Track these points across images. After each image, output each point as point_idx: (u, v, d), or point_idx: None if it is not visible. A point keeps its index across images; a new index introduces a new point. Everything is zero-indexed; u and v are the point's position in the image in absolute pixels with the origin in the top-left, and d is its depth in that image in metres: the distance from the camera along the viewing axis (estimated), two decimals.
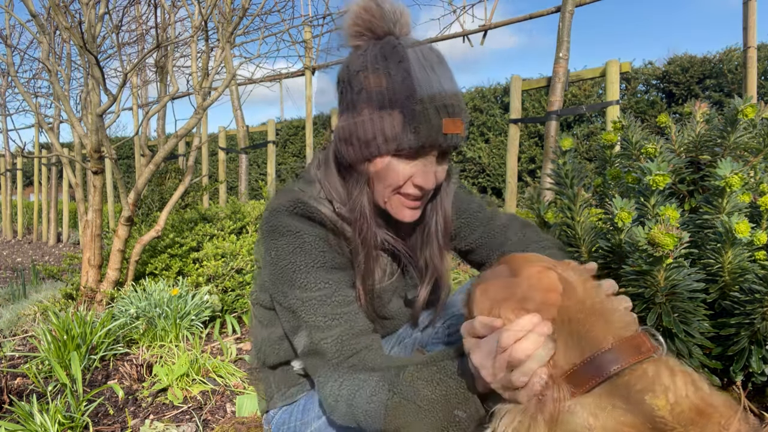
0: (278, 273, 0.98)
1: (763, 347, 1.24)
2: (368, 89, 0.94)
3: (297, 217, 0.98)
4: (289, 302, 0.97)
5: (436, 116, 0.91)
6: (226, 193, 6.71)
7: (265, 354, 1.15)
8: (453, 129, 0.92)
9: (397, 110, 0.91)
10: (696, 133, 1.54)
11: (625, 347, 0.66)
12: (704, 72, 6.58)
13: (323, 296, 0.96)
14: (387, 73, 0.92)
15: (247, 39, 7.34)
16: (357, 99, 0.95)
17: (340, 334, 0.93)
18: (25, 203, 10.00)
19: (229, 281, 2.94)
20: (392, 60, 0.93)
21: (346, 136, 0.97)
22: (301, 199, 1.00)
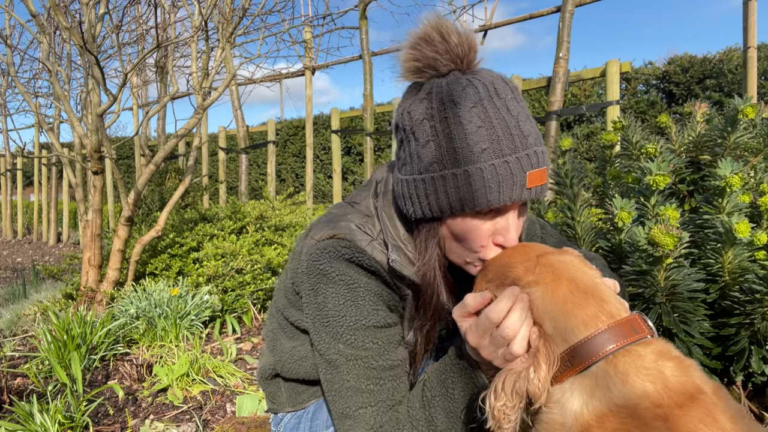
0: (323, 321, 0.91)
1: (763, 347, 1.24)
2: (437, 141, 0.82)
3: (352, 266, 0.90)
4: (331, 355, 0.90)
5: (519, 170, 0.79)
6: (226, 193, 6.72)
7: (283, 368, 1.11)
8: (538, 181, 0.81)
9: (473, 166, 0.79)
10: (696, 133, 1.54)
11: (621, 328, 0.68)
12: (704, 72, 6.58)
13: (368, 357, 0.89)
14: (458, 122, 0.80)
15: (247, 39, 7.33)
16: (423, 152, 0.83)
17: (382, 402, 0.88)
18: (25, 203, 10.01)
19: (229, 281, 2.94)
20: (464, 105, 0.80)
21: (411, 192, 0.86)
22: (359, 247, 0.90)
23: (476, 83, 0.82)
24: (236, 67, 3.53)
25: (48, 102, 6.00)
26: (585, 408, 0.65)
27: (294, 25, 5.78)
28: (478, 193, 0.80)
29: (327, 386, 0.92)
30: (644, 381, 0.63)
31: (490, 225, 0.84)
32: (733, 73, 6.25)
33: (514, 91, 0.85)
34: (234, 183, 9.03)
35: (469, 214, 0.84)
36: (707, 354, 1.30)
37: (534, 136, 0.82)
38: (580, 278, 0.73)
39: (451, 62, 0.84)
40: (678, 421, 0.59)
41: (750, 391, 1.35)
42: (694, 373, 0.65)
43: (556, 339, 0.70)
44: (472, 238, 0.85)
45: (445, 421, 0.84)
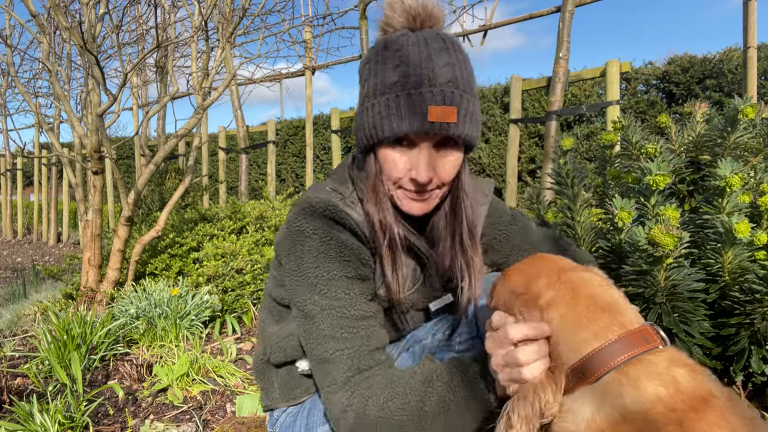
0: (300, 276, 0.96)
1: (763, 347, 1.24)
2: (368, 79, 0.94)
3: (326, 221, 0.96)
4: (308, 307, 0.95)
5: (420, 102, 0.88)
6: (226, 193, 6.71)
7: (272, 350, 1.14)
8: (441, 117, 0.88)
9: (386, 97, 0.90)
10: (696, 133, 1.54)
11: (632, 339, 0.68)
12: (704, 72, 6.58)
13: (343, 306, 0.94)
14: (384, 62, 0.92)
15: (247, 39, 7.33)
16: (362, 90, 0.96)
17: (355, 347, 0.92)
18: (25, 203, 10.00)
19: (229, 281, 2.94)
20: (391, 49, 0.92)
21: (354, 126, 0.98)
22: (332, 201, 0.98)
23: (411, 35, 0.93)
24: (236, 67, 3.53)
25: (48, 102, 6.00)
26: (597, 415, 0.65)
27: (294, 25, 5.78)
28: (384, 121, 0.90)
29: (305, 337, 0.97)
30: (657, 386, 0.63)
31: (406, 158, 0.93)
32: (733, 73, 6.25)
33: (448, 45, 0.93)
34: (234, 183, 9.03)
35: (388, 146, 0.93)
36: (707, 354, 1.30)
37: (447, 79, 0.89)
38: (599, 295, 0.75)
39: (404, 19, 0.94)
40: (693, 425, 0.59)
41: (750, 391, 1.35)
42: (706, 378, 0.65)
43: (570, 353, 0.71)
44: (391, 168, 0.94)
45: (436, 407, 0.86)
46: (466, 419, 0.85)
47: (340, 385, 0.90)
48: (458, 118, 0.90)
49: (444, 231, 1.05)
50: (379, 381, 0.89)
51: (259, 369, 1.20)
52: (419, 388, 0.87)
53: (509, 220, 1.23)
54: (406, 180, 0.95)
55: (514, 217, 1.25)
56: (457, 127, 0.90)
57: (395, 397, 0.86)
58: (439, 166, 0.94)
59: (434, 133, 0.90)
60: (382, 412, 0.86)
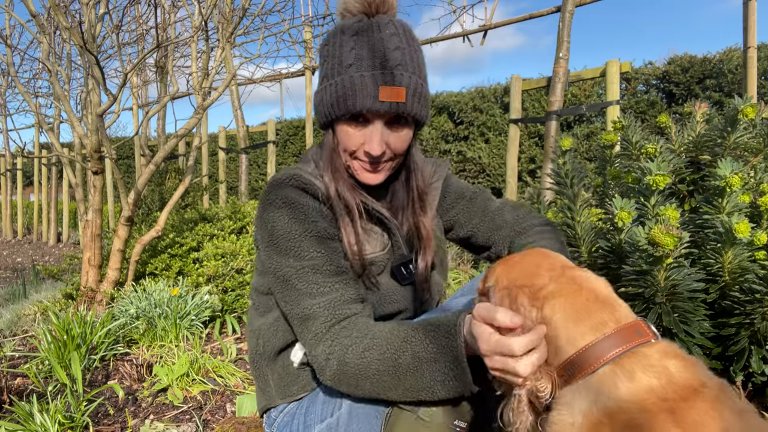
0: (274, 243, 1.02)
1: (763, 347, 1.24)
2: (326, 60, 1.03)
3: (293, 189, 1.04)
4: (283, 271, 1.01)
5: (372, 83, 0.96)
6: (226, 193, 6.71)
7: (264, 339, 1.17)
8: (390, 96, 0.97)
9: (342, 77, 0.99)
10: (696, 133, 1.54)
11: (626, 332, 0.71)
12: (704, 72, 6.58)
13: (316, 265, 1.00)
14: (341, 45, 1.00)
15: (247, 39, 7.34)
16: (321, 71, 1.05)
17: (332, 300, 0.98)
18: (25, 203, 10.00)
19: (229, 281, 2.94)
20: (347, 33, 1.00)
21: (314, 104, 1.07)
22: (297, 173, 1.07)
23: (366, 21, 1.01)
24: (236, 67, 3.53)
25: (48, 102, 6.00)
26: (594, 406, 0.67)
27: (294, 25, 5.78)
28: (341, 99, 0.99)
29: (284, 302, 1.03)
30: (650, 377, 0.65)
31: (360, 134, 1.02)
32: (733, 73, 6.25)
33: (402, 32, 1.02)
34: (234, 183, 9.03)
35: (344, 122, 1.02)
36: (707, 354, 1.30)
37: (397, 62, 0.98)
38: (599, 290, 0.77)
39: (360, 5, 1.02)
40: (684, 414, 0.60)
41: (750, 391, 1.35)
42: (698, 369, 0.66)
43: (568, 346, 0.72)
44: (347, 141, 1.04)
45: (410, 361, 0.89)
46: (436, 374, 0.87)
47: (320, 337, 0.96)
48: (407, 97, 0.99)
49: (403, 199, 1.16)
50: (358, 329, 0.94)
51: (255, 364, 1.22)
52: (396, 343, 0.91)
53: (470, 196, 1.33)
54: (361, 152, 1.04)
55: (475, 193, 1.34)
56: (406, 106, 0.99)
57: (373, 348, 0.91)
58: (391, 141, 1.03)
59: (385, 111, 0.98)
60: (361, 360, 0.91)
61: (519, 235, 1.28)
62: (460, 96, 8.18)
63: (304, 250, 1.01)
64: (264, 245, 1.05)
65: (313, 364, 0.99)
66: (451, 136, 8.17)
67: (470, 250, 1.40)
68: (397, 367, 0.89)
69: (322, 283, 0.99)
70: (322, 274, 1.00)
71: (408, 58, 1.00)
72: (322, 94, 1.03)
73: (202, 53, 3.52)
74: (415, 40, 1.04)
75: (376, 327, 0.95)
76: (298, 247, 1.01)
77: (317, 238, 1.02)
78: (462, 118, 8.03)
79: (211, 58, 3.38)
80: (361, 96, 0.97)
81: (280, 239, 1.02)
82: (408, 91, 0.99)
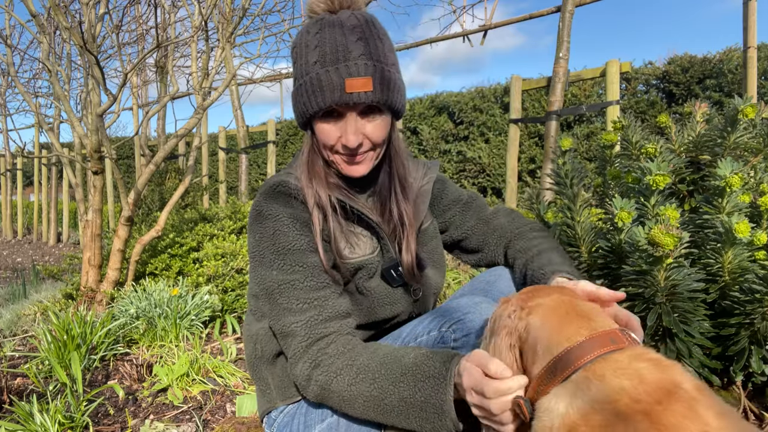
0: (260, 255, 1.05)
1: (763, 347, 1.24)
2: (295, 62, 1.05)
3: (278, 197, 1.06)
4: (267, 284, 1.04)
5: (337, 77, 0.98)
6: (226, 193, 6.71)
7: (262, 344, 1.17)
8: (357, 87, 0.98)
9: (309, 76, 1.01)
10: (696, 133, 1.54)
11: (599, 339, 0.74)
12: (704, 72, 6.58)
13: (297, 280, 1.02)
14: (306, 45, 1.02)
15: (247, 39, 7.34)
16: (293, 71, 1.07)
17: (310, 318, 1.00)
18: (25, 203, 10.00)
19: (229, 281, 2.94)
20: (311, 32, 1.03)
21: (292, 105, 1.08)
22: (285, 179, 1.08)
23: (328, 18, 1.03)
24: (236, 67, 3.53)
25: (48, 102, 6.00)
26: (570, 408, 0.69)
27: (294, 25, 5.78)
28: (311, 97, 1.01)
29: (270, 315, 1.05)
30: (621, 379, 0.67)
31: (336, 128, 1.04)
32: (733, 73, 6.25)
33: (365, 23, 1.03)
34: (234, 183, 9.03)
35: (319, 119, 1.04)
36: (707, 354, 1.30)
37: (359, 53, 0.99)
38: (577, 305, 0.82)
39: (324, 4, 1.05)
40: (659, 416, 0.60)
41: (750, 391, 1.35)
42: (672, 370, 0.67)
43: (546, 354, 0.76)
44: (324, 137, 1.05)
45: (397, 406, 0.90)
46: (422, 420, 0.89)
47: (299, 356, 0.99)
48: (374, 86, 1.00)
49: (386, 187, 1.17)
50: (342, 354, 0.96)
51: (254, 367, 1.21)
52: (384, 384, 0.91)
53: (466, 200, 1.35)
54: (339, 146, 1.06)
55: (471, 197, 1.37)
56: (374, 95, 1.00)
57: (360, 383, 0.93)
58: (368, 130, 1.05)
59: (353, 102, 0.99)
60: (347, 392, 0.93)
61: (514, 238, 1.29)
62: (460, 96, 8.17)
63: (287, 264, 1.02)
64: (252, 254, 1.08)
65: (294, 381, 1.02)
66: (451, 136, 8.17)
67: (460, 252, 1.40)
68: (383, 406, 0.91)
69: (302, 299, 1.01)
70: (303, 290, 1.01)
71: (372, 47, 1.01)
72: (296, 95, 1.05)
73: (202, 53, 3.52)
74: (378, 29, 1.05)
75: (364, 356, 0.96)
76: (282, 260, 1.03)
77: (301, 251, 1.04)
78: (462, 118, 8.03)
79: (211, 58, 3.38)
80: (329, 91, 0.99)
81: (265, 252, 1.04)
82: (374, 80, 1.00)
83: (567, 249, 1.50)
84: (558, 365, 0.73)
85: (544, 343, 0.77)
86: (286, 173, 1.13)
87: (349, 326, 1.04)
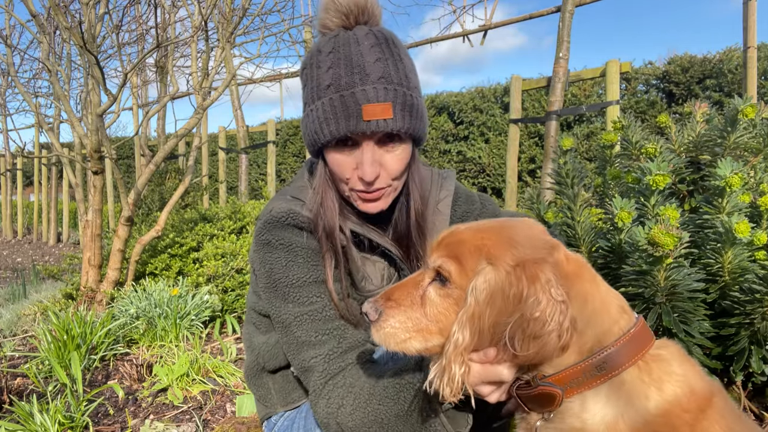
0: (273, 287, 0.98)
1: (763, 347, 1.24)
2: (306, 85, 0.95)
3: (289, 228, 0.98)
4: (283, 317, 0.98)
5: (353, 103, 0.88)
6: (226, 193, 6.71)
7: (265, 359, 1.14)
8: (376, 114, 0.88)
9: (321, 101, 0.90)
10: (696, 133, 1.54)
11: (645, 330, 0.66)
12: (704, 72, 6.58)
13: (314, 311, 0.96)
14: (318, 66, 0.92)
15: (247, 39, 7.33)
16: (303, 95, 0.97)
17: (329, 351, 0.94)
18: (25, 203, 10.00)
19: (229, 281, 2.94)
20: (324, 52, 0.92)
21: (302, 133, 0.98)
22: (293, 209, 0.99)
23: (343, 35, 0.93)
24: (236, 67, 3.53)
25: (48, 102, 6.00)
26: (620, 420, 0.62)
27: (294, 25, 5.78)
28: (323, 125, 0.90)
29: (286, 348, 0.99)
30: (675, 387, 0.62)
31: (351, 159, 0.93)
32: (733, 73, 6.25)
33: (384, 41, 0.92)
34: (234, 183, 9.03)
35: (333, 149, 0.94)
36: (707, 354, 1.30)
37: (379, 75, 0.89)
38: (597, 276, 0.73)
39: (338, 19, 0.94)
40: (699, 424, 0.60)
41: (750, 391, 1.35)
42: (703, 373, 0.66)
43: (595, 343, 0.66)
44: (339, 170, 0.95)
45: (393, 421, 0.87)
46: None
47: (318, 392, 0.93)
48: (394, 113, 0.89)
49: (406, 227, 1.07)
50: (350, 384, 0.91)
51: (253, 377, 1.20)
52: (389, 404, 0.88)
53: (480, 208, 1.23)
54: (355, 179, 0.95)
55: (483, 204, 1.25)
56: (395, 122, 0.90)
57: (367, 406, 0.88)
58: (385, 162, 0.94)
59: (371, 131, 0.89)
60: (358, 420, 0.88)
61: None
62: (460, 96, 8.18)
63: (303, 296, 0.96)
64: (263, 285, 1.01)
65: (317, 419, 0.97)
66: (451, 136, 8.17)
67: None
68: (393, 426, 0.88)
69: (321, 331, 0.95)
70: (321, 320, 0.95)
71: (392, 69, 0.91)
72: (306, 121, 0.95)
73: (202, 53, 3.52)
74: (399, 48, 0.95)
75: (370, 382, 0.92)
76: (297, 293, 0.96)
77: (316, 282, 0.97)
78: (462, 118, 8.03)
79: (211, 58, 3.38)
80: (343, 118, 0.88)
81: (279, 283, 0.97)
82: (395, 106, 0.89)
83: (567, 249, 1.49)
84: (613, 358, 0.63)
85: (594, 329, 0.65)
86: (294, 200, 1.03)
87: (367, 354, 0.97)
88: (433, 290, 0.71)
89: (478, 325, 0.63)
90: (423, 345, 0.71)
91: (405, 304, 0.72)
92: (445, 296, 0.70)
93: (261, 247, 1.00)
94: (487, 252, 0.67)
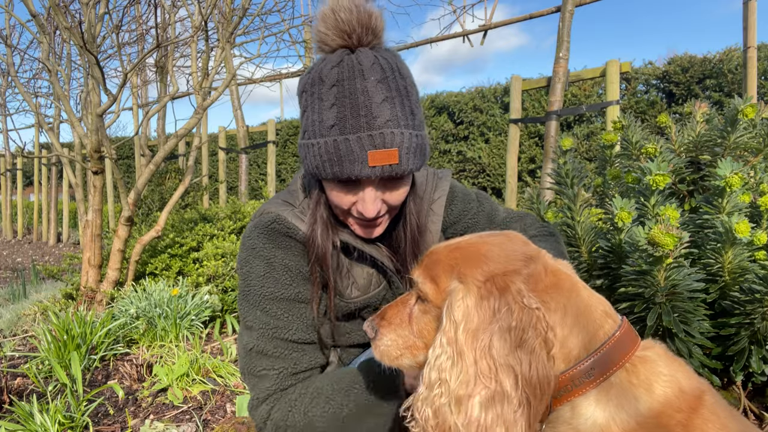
0: (246, 290, 1.00)
1: (763, 347, 1.24)
2: (305, 111, 0.91)
3: (275, 235, 0.99)
4: (249, 320, 0.99)
5: (359, 149, 0.85)
6: (226, 193, 6.71)
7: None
8: (381, 160, 0.85)
9: (325, 140, 0.87)
10: (696, 133, 1.54)
11: (629, 331, 0.67)
12: (704, 72, 6.58)
13: (279, 327, 0.97)
14: (320, 98, 0.88)
15: (247, 39, 7.33)
16: (302, 118, 0.93)
17: (284, 368, 0.96)
18: (25, 203, 10.00)
19: (229, 281, 2.94)
20: (327, 83, 0.87)
21: (300, 154, 0.96)
22: (281, 215, 0.99)
23: (347, 63, 0.87)
24: (236, 67, 3.53)
25: (48, 102, 6.00)
26: (612, 422, 0.62)
27: (294, 25, 5.78)
28: (326, 164, 0.88)
29: (241, 346, 1.00)
30: (664, 388, 0.62)
31: (351, 195, 0.93)
32: (733, 73, 6.25)
33: (391, 73, 0.88)
34: (234, 183, 9.03)
35: (333, 183, 0.92)
36: (707, 354, 1.30)
37: (386, 119, 0.85)
38: (579, 282, 0.73)
39: (339, 38, 0.88)
40: (692, 423, 0.60)
41: (750, 391, 1.36)
42: (693, 373, 0.66)
43: (581, 350, 0.66)
44: (338, 201, 0.94)
45: (354, 411, 0.92)
46: (383, 415, 0.92)
47: (261, 400, 0.95)
48: (400, 158, 0.87)
49: (403, 241, 1.08)
50: (298, 393, 0.95)
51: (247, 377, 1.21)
52: (338, 397, 0.92)
53: (477, 207, 1.23)
54: (354, 210, 0.95)
55: (480, 202, 1.25)
56: (400, 167, 0.88)
57: (316, 407, 0.92)
58: (387, 197, 0.94)
59: (376, 176, 0.87)
60: (303, 421, 0.91)
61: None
62: (460, 96, 8.18)
63: (273, 309, 0.98)
64: (240, 286, 1.02)
65: (252, 418, 1.00)
66: (451, 136, 8.17)
67: None
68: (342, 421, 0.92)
69: (280, 347, 0.97)
70: (283, 339, 0.97)
71: (399, 108, 0.87)
72: (306, 150, 0.91)
73: (202, 53, 3.52)
74: (405, 77, 0.90)
75: (317, 381, 0.96)
76: (268, 304, 0.98)
77: (289, 300, 0.99)
78: (462, 118, 8.03)
79: (211, 58, 3.38)
80: (348, 163, 0.85)
81: (254, 289, 0.99)
82: (401, 151, 0.86)
83: (567, 249, 1.49)
84: (597, 365, 0.63)
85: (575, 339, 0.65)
86: (285, 204, 1.03)
87: (317, 374, 1.01)
88: (417, 309, 0.76)
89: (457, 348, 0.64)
90: (412, 361, 0.76)
91: (395, 323, 0.77)
92: (425, 312, 0.74)
93: (246, 251, 1.01)
94: (458, 270, 0.69)
